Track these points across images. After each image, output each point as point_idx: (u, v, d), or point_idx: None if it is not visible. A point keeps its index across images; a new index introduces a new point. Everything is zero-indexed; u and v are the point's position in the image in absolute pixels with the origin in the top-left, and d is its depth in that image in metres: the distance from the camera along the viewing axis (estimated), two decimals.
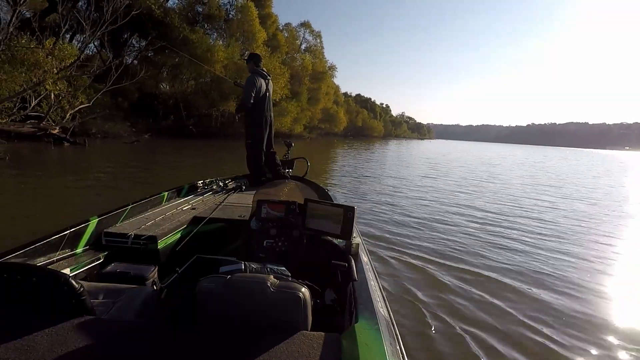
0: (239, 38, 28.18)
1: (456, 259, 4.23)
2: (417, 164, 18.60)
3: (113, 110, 19.48)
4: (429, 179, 12.09)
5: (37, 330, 1.02)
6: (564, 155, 58.60)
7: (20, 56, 8.14)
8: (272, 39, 32.21)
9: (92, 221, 2.21)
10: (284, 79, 28.19)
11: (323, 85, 41.66)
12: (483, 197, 8.90)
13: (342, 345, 1.05)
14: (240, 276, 1.21)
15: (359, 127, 76.81)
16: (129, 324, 1.22)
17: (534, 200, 9.04)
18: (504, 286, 3.60)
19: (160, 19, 22.82)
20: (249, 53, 4.65)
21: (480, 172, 16.48)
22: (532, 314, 3.04)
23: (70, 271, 1.85)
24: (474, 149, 58.51)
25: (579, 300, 3.40)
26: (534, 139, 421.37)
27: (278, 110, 29.87)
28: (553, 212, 7.64)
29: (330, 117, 49.36)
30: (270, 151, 4.48)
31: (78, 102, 11.98)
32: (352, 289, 1.48)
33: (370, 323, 1.17)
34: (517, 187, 11.49)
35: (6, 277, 1.12)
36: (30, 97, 9.80)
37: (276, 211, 2.16)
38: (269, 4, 32.87)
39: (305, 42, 43.22)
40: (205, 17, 27.79)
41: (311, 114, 40.12)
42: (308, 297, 1.16)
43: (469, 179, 13.08)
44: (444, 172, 14.86)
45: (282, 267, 1.42)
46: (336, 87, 57.57)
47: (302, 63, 37.72)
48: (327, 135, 53.68)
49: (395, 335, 1.30)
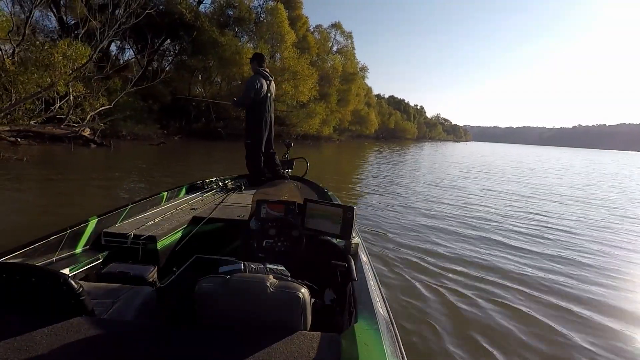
0: (268, 40, 28.21)
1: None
2: (447, 170, 17.47)
3: (144, 113, 20.02)
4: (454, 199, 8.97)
5: (36, 330, 1.02)
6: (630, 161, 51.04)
7: (35, 57, 8.33)
8: (302, 40, 32.08)
9: (91, 221, 2.20)
10: (313, 80, 27.85)
11: (353, 86, 40.88)
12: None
13: (341, 345, 1.05)
14: (240, 276, 1.20)
15: (391, 129, 75.42)
16: (129, 324, 1.23)
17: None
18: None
19: (191, 22, 23.23)
20: (253, 53, 4.59)
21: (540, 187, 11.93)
22: (557, 327, 2.82)
23: (69, 271, 1.86)
24: (517, 152, 55.34)
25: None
26: (580, 141, 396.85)
27: (306, 112, 29.61)
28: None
29: (360, 119, 48.49)
30: (270, 151, 4.47)
31: (99, 103, 12.14)
32: (351, 288, 1.48)
33: (370, 323, 1.16)
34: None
35: (6, 277, 1.11)
36: (56, 99, 10.08)
37: (275, 211, 2.17)
38: (299, 6, 32.82)
39: (336, 44, 42.87)
40: (235, 20, 28.09)
41: (341, 115, 39.56)
42: (307, 297, 1.16)
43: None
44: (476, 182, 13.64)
45: (281, 267, 1.38)
46: (368, 89, 56.74)
47: (333, 64, 37.29)
48: (358, 138, 52.95)
49: (394, 335, 1.28)
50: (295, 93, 26.70)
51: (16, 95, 8.68)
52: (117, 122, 16.12)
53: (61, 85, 8.54)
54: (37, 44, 9.16)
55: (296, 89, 26.51)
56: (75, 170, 8.78)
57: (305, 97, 27.76)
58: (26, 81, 8.41)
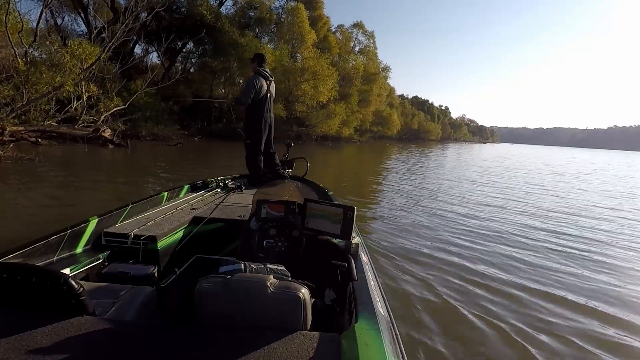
0: (288, 41, 28.14)
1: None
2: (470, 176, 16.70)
3: (165, 114, 20.30)
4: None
5: (37, 330, 1.02)
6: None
7: (46, 57, 8.45)
8: (322, 40, 31.86)
9: (91, 221, 2.19)
10: (332, 80, 27.52)
11: (375, 86, 40.14)
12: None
13: (341, 345, 1.05)
14: (240, 276, 1.19)
15: (415, 129, 74.12)
16: (129, 324, 1.24)
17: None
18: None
19: (211, 24, 23.44)
20: (254, 53, 4.59)
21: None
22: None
23: (70, 271, 1.85)
24: (546, 154, 53.03)
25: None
26: (615, 143, 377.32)
27: (326, 113, 29.30)
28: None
29: (382, 120, 47.66)
30: (270, 151, 4.47)
31: (112, 104, 12.26)
32: (351, 288, 1.48)
33: (370, 323, 1.16)
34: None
35: (6, 277, 1.11)
36: (72, 99, 10.25)
37: (276, 211, 2.16)
38: (319, 6, 32.66)
39: (358, 44, 42.39)
40: (256, 21, 28.21)
41: (362, 116, 39.02)
42: (308, 297, 1.16)
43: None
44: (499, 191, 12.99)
45: (281, 267, 1.37)
46: (390, 89, 55.92)
47: (354, 64, 36.82)
48: (380, 139, 52.19)
49: (395, 335, 1.27)
50: (315, 93, 26.43)
51: (27, 96, 8.82)
52: (137, 122, 16.33)
53: (69, 85, 8.56)
54: (46, 44, 9.32)
55: (315, 89, 26.26)
56: (84, 170, 8.81)
57: (324, 97, 27.46)
58: (37, 81, 8.52)
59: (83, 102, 10.98)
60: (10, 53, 8.97)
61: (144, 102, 17.90)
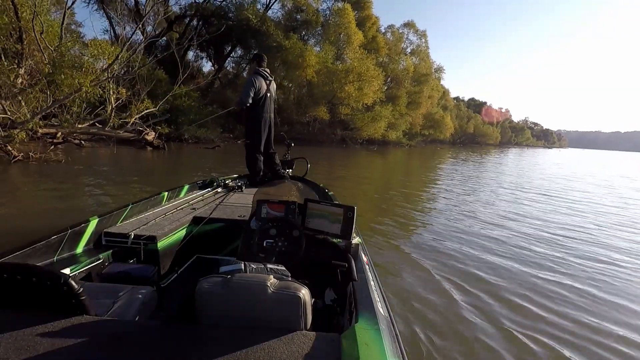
0: (334, 42, 27.56)
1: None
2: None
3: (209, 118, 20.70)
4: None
5: (37, 330, 1.02)
6: None
7: (67, 58, 8.63)
8: (371, 41, 30.88)
9: (92, 221, 2.19)
10: (378, 82, 26.41)
11: (425, 88, 38.08)
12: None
13: (342, 345, 1.05)
14: (240, 276, 1.19)
15: (470, 133, 69.99)
16: (129, 324, 1.22)
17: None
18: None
19: (257, 27, 23.62)
20: (254, 53, 4.67)
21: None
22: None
23: (70, 271, 1.86)
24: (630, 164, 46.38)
25: None
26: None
27: (371, 115, 28.22)
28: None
29: (434, 123, 45.23)
30: (270, 151, 4.48)
31: (143, 106, 12.45)
32: (352, 289, 1.48)
33: (370, 323, 1.17)
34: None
35: (6, 277, 1.11)
36: (107, 101, 10.54)
37: (276, 211, 2.17)
38: (368, 6, 31.70)
39: (410, 44, 40.70)
40: (302, 23, 28.06)
41: (411, 119, 37.27)
42: (308, 297, 1.16)
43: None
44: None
45: (282, 267, 1.36)
46: (444, 91, 53.21)
47: (405, 66, 35.30)
48: (432, 143, 49.70)
49: (395, 335, 1.25)
50: (359, 95, 25.50)
51: (52, 97, 9.11)
52: (180, 125, 16.71)
53: (87, 86, 8.65)
54: (67, 44, 9.56)
55: (360, 91, 25.33)
56: (106, 171, 8.82)
57: (369, 99, 26.42)
58: (61, 82, 8.74)
59: (112, 104, 11.22)
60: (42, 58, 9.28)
61: (187, 105, 18.32)
